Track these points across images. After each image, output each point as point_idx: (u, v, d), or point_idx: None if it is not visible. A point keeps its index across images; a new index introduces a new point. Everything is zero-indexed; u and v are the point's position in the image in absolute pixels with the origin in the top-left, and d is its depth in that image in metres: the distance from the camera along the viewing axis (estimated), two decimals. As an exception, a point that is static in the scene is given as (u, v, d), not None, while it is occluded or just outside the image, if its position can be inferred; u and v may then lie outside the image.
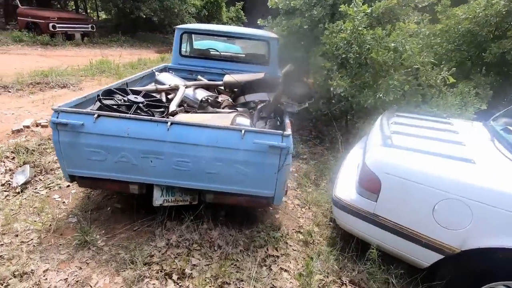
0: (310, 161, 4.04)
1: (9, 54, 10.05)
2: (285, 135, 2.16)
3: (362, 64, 3.71)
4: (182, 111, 2.76)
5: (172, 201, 2.46)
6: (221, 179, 2.29)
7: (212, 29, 4.31)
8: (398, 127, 2.66)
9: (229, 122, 2.31)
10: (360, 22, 3.47)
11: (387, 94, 3.31)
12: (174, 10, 15.36)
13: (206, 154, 2.20)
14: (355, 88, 3.62)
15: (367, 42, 3.49)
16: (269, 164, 2.20)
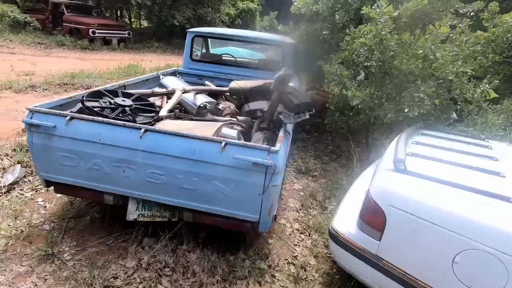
0: (321, 179, 3.62)
1: (51, 56, 10.77)
2: (272, 150, 1.82)
3: (385, 73, 3.27)
4: (172, 117, 2.53)
5: (148, 216, 2.21)
6: (199, 196, 2.00)
7: (223, 33, 4.12)
8: (419, 148, 2.21)
9: (211, 132, 2.03)
10: (384, 26, 3.04)
11: (411, 108, 2.84)
12: (207, 19, 15.65)
13: (182, 167, 1.93)
14: (374, 99, 3.17)
15: (391, 49, 3.05)
16: (253, 184, 1.87)
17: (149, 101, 2.78)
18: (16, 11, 12.95)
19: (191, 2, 15.30)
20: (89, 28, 12.45)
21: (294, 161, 4.13)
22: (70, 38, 12.27)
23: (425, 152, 2.12)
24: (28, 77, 7.18)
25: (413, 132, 2.67)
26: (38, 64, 8.92)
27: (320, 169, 3.89)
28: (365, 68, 3.50)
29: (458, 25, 3.12)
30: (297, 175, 3.73)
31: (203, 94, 3.29)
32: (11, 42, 11.49)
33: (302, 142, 4.87)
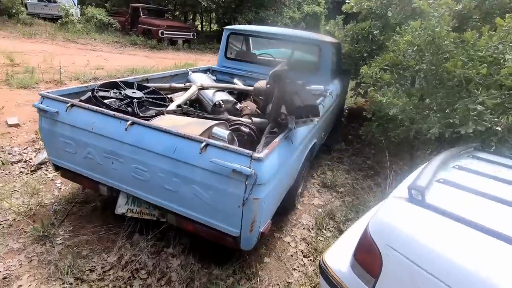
0: (346, 197, 3.17)
1: (123, 54, 11.97)
2: (255, 157, 1.56)
3: (439, 80, 2.69)
4: (177, 112, 2.43)
5: (136, 212, 2.14)
6: (180, 199, 1.83)
7: (259, 30, 3.92)
8: (460, 175, 1.71)
9: (200, 131, 1.84)
10: (439, 21, 2.49)
11: (464, 124, 2.26)
12: (268, 21, 15.70)
13: (163, 165, 1.79)
14: (417, 109, 2.62)
15: (446, 49, 2.48)
16: (232, 194, 1.63)
17: (162, 94, 2.74)
18: (103, 14, 14.78)
19: (254, 5, 15.53)
20: (159, 29, 13.53)
21: (322, 172, 3.72)
22: (141, 38, 13.50)
23: (466, 181, 1.61)
24: (98, 71, 8.04)
25: (459, 154, 2.11)
26: (110, 60, 9.96)
27: (350, 185, 3.41)
28: (414, 73, 2.95)
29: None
30: (320, 189, 3.33)
31: (225, 92, 3.14)
32: (95, 40, 13.13)
33: (338, 152, 4.40)
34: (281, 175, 1.87)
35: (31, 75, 6.02)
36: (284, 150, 1.90)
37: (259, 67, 3.98)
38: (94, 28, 14.29)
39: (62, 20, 14.21)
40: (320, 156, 4.18)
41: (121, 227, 2.31)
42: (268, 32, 3.84)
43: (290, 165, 2.07)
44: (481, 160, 2.04)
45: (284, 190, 2.18)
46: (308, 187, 3.34)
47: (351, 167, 3.94)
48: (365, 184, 3.49)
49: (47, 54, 8.74)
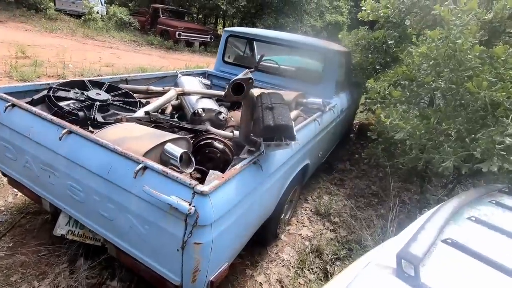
0: (340, 230, 2.73)
1: (138, 53, 11.98)
2: (197, 191, 1.19)
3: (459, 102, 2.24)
4: (142, 120, 2.10)
5: (78, 235, 1.81)
6: (116, 229, 1.49)
7: (259, 34, 3.58)
8: (475, 232, 1.28)
9: (147, 147, 1.49)
10: (462, 32, 2.05)
11: (487, 159, 1.81)
12: (287, 28, 15.40)
13: (97, 186, 1.46)
14: (429, 135, 2.18)
15: (469, 65, 2.04)
16: (170, 234, 1.27)
17: (135, 98, 2.43)
18: (124, 12, 14.98)
19: (274, 12, 15.29)
20: (176, 31, 13.50)
21: (319, 195, 3.30)
22: (158, 38, 13.52)
23: (484, 243, 1.18)
24: (106, 68, 7.98)
25: (480, 198, 1.66)
26: (123, 58, 9.93)
27: (347, 214, 2.97)
28: (431, 91, 2.50)
29: None
30: (312, 216, 2.91)
31: (211, 100, 2.80)
32: (113, 38, 13.26)
33: (341, 173, 3.96)
34: (244, 209, 1.49)
35: (35, 69, 5.95)
36: (251, 178, 1.52)
37: (259, 73, 3.64)
38: (114, 26, 14.48)
39: (85, 17, 14.51)
40: (320, 175, 3.76)
41: (67, 248, 2.00)
42: (269, 36, 3.49)
43: (262, 195, 1.69)
44: (508, 210, 1.59)
45: (254, 225, 1.79)
46: (298, 213, 2.93)
47: (352, 192, 3.50)
48: (366, 214, 3.04)
49: (62, 49, 8.81)
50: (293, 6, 15.71)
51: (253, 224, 1.75)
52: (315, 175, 3.68)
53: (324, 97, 3.22)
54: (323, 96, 3.22)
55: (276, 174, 1.85)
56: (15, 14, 13.59)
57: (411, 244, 1.03)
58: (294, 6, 15.74)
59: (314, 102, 2.72)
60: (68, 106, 2.01)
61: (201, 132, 2.34)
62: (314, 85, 3.28)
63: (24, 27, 12.27)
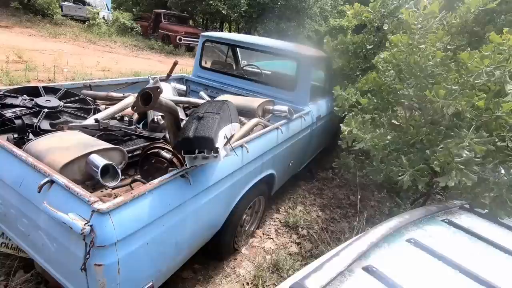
0: (306, 243, 2.60)
1: (138, 57, 12.07)
2: (95, 208, 1.10)
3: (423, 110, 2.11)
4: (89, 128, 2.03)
5: (12, 248, 1.75)
6: (35, 246, 1.41)
7: (234, 39, 3.50)
8: (410, 254, 1.18)
9: (68, 158, 1.42)
10: (424, 36, 1.93)
11: (446, 173, 1.68)
12: (288, 33, 15.34)
13: (12, 200, 1.39)
14: (396, 146, 2.05)
15: (432, 72, 1.91)
16: (72, 253, 1.19)
17: (91, 104, 2.37)
18: (126, 17, 15.18)
19: (275, 16, 15.26)
20: (177, 35, 13.60)
21: (293, 206, 3.17)
22: (159, 43, 13.63)
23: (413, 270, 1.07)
24: (102, 72, 8.05)
25: (433, 216, 1.53)
26: (121, 62, 10.00)
27: (318, 227, 2.84)
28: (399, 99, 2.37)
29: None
30: (280, 228, 2.79)
31: (179, 108, 2.73)
32: (115, 43, 13.42)
33: (321, 182, 3.83)
34: (168, 226, 1.39)
35: (25, 73, 6.01)
36: (176, 193, 1.43)
37: (231, 79, 3.56)
38: (117, 31, 14.68)
39: (90, 22, 14.76)
40: (299, 184, 3.64)
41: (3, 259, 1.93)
42: (244, 41, 3.41)
43: (198, 209, 1.59)
44: (458, 231, 1.46)
45: (191, 241, 1.69)
46: (266, 225, 2.82)
47: (329, 202, 3.36)
48: (339, 226, 2.91)
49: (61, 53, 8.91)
50: (296, 11, 15.65)
51: (189, 240, 1.65)
52: (293, 184, 3.56)
53: (298, 104, 3.12)
54: (298, 103, 3.13)
55: (219, 186, 1.75)
56: (21, 20, 13.91)
57: (311, 274, 0.92)
58: (296, 11, 15.67)
59: (280, 109, 2.62)
60: (13, 113, 1.96)
61: (158, 140, 2.27)
62: (289, 92, 3.18)
63: (29, 32, 12.52)
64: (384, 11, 3.38)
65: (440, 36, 1.98)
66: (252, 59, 4.72)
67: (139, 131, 2.33)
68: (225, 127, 1.57)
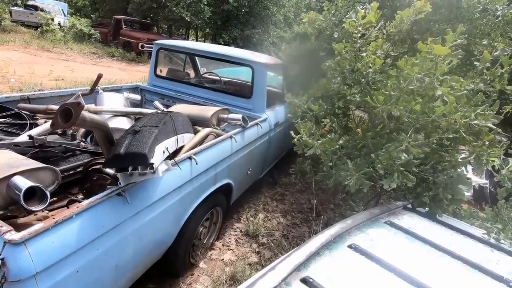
0: (266, 252, 2.58)
1: (98, 65, 11.52)
2: (8, 240, 0.99)
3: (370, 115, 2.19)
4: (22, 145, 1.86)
5: None
6: None
7: (188, 47, 3.45)
8: (351, 261, 1.19)
9: None
10: (364, 45, 2.01)
11: (389, 176, 1.74)
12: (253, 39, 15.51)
13: None
14: (341, 151, 2.10)
15: (372, 79, 1.99)
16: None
17: (26, 119, 2.19)
18: (83, 24, 14.47)
19: (240, 23, 15.38)
20: (139, 42, 13.20)
21: (254, 214, 3.15)
22: (120, 50, 13.14)
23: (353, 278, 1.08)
24: (55, 82, 7.56)
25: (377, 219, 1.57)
26: (77, 71, 9.48)
27: (279, 233, 2.84)
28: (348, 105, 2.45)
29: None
30: (240, 238, 2.75)
31: (125, 118, 2.60)
32: (71, 50, 12.71)
33: (284, 187, 3.85)
34: (105, 249, 1.30)
35: (-37, 85, 5.48)
36: (111, 213, 1.33)
37: (187, 87, 3.49)
38: (73, 38, 13.94)
39: (43, 29, 13.87)
40: (262, 191, 3.63)
41: None
42: (198, 49, 3.36)
43: (140, 228, 1.50)
44: (399, 232, 1.50)
45: (137, 261, 1.59)
46: (226, 235, 2.76)
47: (291, 208, 3.38)
48: (299, 231, 2.93)
49: (9, 62, 8.26)
50: (260, 18, 15.89)
51: (133, 261, 1.55)
52: (256, 191, 3.55)
53: (255, 111, 3.12)
54: (255, 110, 3.13)
55: (165, 202, 1.67)
56: (-36, 27, 12.77)
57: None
58: (260, 18, 15.92)
59: (234, 118, 2.59)
60: None
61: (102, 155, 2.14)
62: (246, 99, 3.18)
63: (-28, 39, 11.52)
64: (335, 19, 3.51)
65: (380, 44, 2.07)
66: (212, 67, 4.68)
67: (83, 145, 2.19)
68: (166, 140, 1.51)
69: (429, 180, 1.87)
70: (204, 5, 13.91)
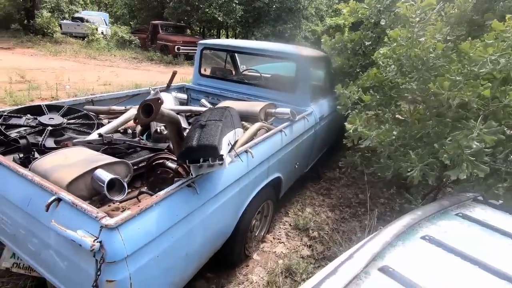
0: (318, 245, 2.56)
1: (138, 69, 12.18)
2: (103, 224, 1.10)
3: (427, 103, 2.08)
4: (94, 143, 2.03)
5: (24, 267, 1.74)
6: (46, 264, 1.41)
7: (232, 45, 3.51)
8: (428, 252, 1.15)
9: (74, 175, 1.42)
10: (423, 29, 1.91)
11: (457, 166, 1.64)
12: (285, 35, 15.38)
13: (21, 220, 1.39)
14: (402, 141, 2.02)
15: (432, 65, 1.89)
16: (83, 270, 1.18)
17: (94, 119, 2.38)
18: (124, 31, 15.36)
19: (272, 20, 15.32)
20: (175, 45, 13.71)
21: (301, 208, 3.14)
22: (158, 54, 13.75)
23: (432, 268, 1.04)
24: (103, 86, 8.12)
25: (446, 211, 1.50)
26: (121, 75, 10.09)
27: (329, 228, 2.80)
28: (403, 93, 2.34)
29: None
30: (290, 231, 2.76)
31: (180, 116, 2.73)
32: (114, 57, 13.57)
33: (328, 182, 3.79)
34: (177, 238, 1.38)
35: (29, 93, 6.08)
36: (182, 203, 1.41)
37: (231, 84, 3.56)
38: (116, 45, 14.86)
39: (89, 38, 14.96)
40: (306, 186, 3.61)
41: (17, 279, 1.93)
42: (241, 46, 3.41)
43: (206, 218, 1.57)
44: (473, 224, 1.42)
45: (202, 250, 1.67)
46: (276, 228, 2.79)
47: (338, 202, 3.32)
48: (350, 226, 2.87)
49: (63, 70, 9.03)
50: (291, 13, 15.71)
51: (200, 250, 1.63)
52: (300, 185, 3.54)
53: (300, 105, 3.10)
54: (299, 104, 3.11)
55: (227, 193, 1.73)
56: (22, 41, 14.14)
57: (325, 280, 0.89)
58: (292, 13, 15.74)
59: (283, 112, 2.60)
60: (18, 133, 1.98)
61: (162, 150, 2.26)
62: (290, 94, 3.17)
63: (30, 52, 12.71)
64: (380, 6, 3.37)
65: (439, 27, 1.96)
66: (250, 63, 4.72)
67: (143, 142, 2.33)
68: (228, 133, 1.56)
69: (501, 170, 1.73)
70: (235, 4, 14.07)
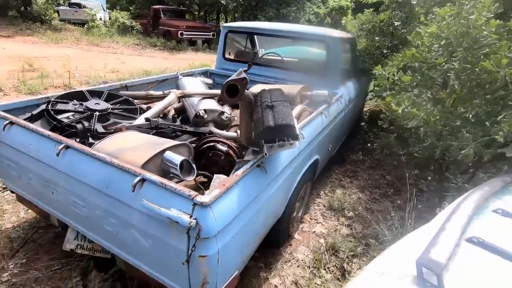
0: (356, 225, 2.63)
1: (142, 56, 12.01)
2: (197, 202, 1.13)
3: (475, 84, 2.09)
4: (143, 127, 2.05)
5: (87, 249, 1.80)
6: (122, 244, 1.45)
7: (259, 27, 3.46)
8: (505, 224, 1.19)
9: (146, 157, 1.44)
10: (474, 6, 1.89)
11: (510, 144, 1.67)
12: (290, 18, 15.10)
13: (98, 201, 1.42)
14: (445, 120, 2.04)
15: (485, 42, 1.88)
16: (173, 247, 1.22)
17: (135, 104, 2.39)
18: (125, 17, 15.03)
19: (275, 2, 15.00)
20: (178, 30, 13.46)
21: (331, 189, 3.20)
22: (161, 40, 13.51)
23: None
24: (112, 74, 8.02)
25: (505, 187, 1.53)
26: (127, 62, 9.96)
27: (363, 208, 2.87)
28: (444, 73, 2.34)
29: None
30: (325, 212, 2.82)
31: (213, 100, 2.73)
32: (117, 43, 13.33)
33: (353, 164, 3.84)
34: (250, 216, 1.42)
35: (41, 81, 6.02)
36: (255, 183, 1.45)
37: (258, 68, 3.53)
38: (117, 31, 14.57)
39: (89, 25, 14.64)
40: (332, 168, 3.66)
41: (78, 261, 1.99)
42: (269, 28, 3.37)
43: (269, 198, 1.61)
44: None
45: (263, 229, 1.72)
46: (311, 210, 2.85)
47: (366, 183, 3.38)
48: (382, 206, 2.93)
49: (68, 58, 8.90)
50: (295, -6, 15.40)
51: (262, 228, 1.68)
52: (327, 168, 3.58)
53: (330, 87, 3.09)
54: (329, 87, 3.10)
55: (283, 174, 1.77)
56: (21, 28, 13.83)
57: (430, 249, 0.93)
58: (295, -6, 15.42)
59: (320, 94, 2.61)
60: (68, 119, 1.99)
61: (204, 134, 2.28)
62: (319, 76, 3.15)
63: (31, 39, 12.46)
64: (409, -15, 3.30)
65: (488, 4, 1.94)
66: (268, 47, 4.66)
67: (185, 127, 2.35)
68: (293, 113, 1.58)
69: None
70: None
